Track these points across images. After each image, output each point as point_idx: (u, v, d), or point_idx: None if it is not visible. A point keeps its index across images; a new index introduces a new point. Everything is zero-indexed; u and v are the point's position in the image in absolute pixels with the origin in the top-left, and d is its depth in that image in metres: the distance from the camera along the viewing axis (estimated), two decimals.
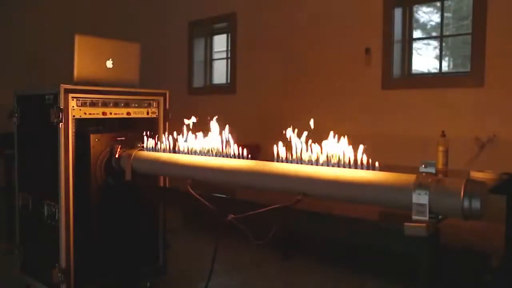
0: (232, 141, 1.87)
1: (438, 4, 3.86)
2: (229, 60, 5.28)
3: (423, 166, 1.31)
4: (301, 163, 1.60)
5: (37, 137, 2.36)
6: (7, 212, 3.56)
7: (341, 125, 4.00)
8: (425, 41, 4.08)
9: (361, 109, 4.03)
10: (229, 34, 5.28)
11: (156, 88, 2.58)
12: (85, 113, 2.24)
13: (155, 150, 2.19)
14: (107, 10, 6.06)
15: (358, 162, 1.47)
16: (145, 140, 2.24)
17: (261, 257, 3.22)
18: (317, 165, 1.56)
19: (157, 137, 2.30)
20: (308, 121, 1.65)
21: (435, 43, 3.98)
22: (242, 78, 5.06)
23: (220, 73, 5.56)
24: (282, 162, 1.65)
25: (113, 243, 2.33)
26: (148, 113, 2.53)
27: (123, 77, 2.46)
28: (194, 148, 1.99)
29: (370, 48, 3.95)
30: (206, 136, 1.97)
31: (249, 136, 4.25)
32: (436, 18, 3.96)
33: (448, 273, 2.22)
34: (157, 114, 2.57)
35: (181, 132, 2.08)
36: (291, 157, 1.63)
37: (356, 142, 1.52)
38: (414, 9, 3.96)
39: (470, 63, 3.55)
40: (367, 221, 1.44)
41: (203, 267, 2.82)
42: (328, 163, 1.54)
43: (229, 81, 5.25)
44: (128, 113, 2.43)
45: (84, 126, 2.25)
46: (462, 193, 1.21)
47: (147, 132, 2.27)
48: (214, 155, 1.90)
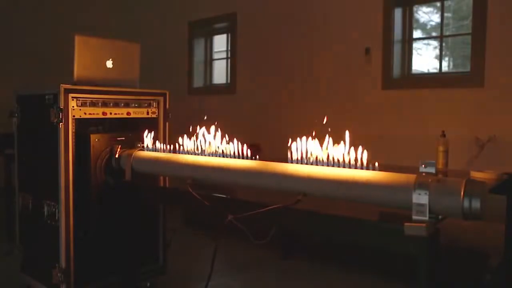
0: (236, 141, 1.85)
1: (438, 4, 3.86)
2: (229, 60, 5.28)
3: (423, 166, 1.31)
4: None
5: (37, 137, 2.36)
6: (7, 212, 3.56)
7: (341, 125, 4.00)
8: (425, 41, 4.08)
9: (361, 109, 4.03)
10: (229, 34, 5.28)
11: (156, 88, 2.58)
12: (85, 113, 2.24)
13: (155, 150, 2.19)
14: (107, 10, 6.06)
15: (358, 162, 1.46)
16: (148, 141, 2.23)
17: (261, 257, 3.22)
18: (317, 165, 1.56)
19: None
20: (308, 121, 1.65)
21: (435, 43, 3.98)
22: (242, 78, 5.06)
23: (220, 73, 5.55)
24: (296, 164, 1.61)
25: (113, 243, 2.33)
26: (148, 113, 2.53)
27: (123, 77, 2.46)
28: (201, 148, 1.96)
29: (370, 48, 3.95)
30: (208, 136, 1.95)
31: (249, 136, 4.25)
32: (436, 18, 3.95)
33: (448, 273, 2.22)
34: (157, 114, 2.57)
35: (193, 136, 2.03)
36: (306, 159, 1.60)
37: (356, 142, 1.52)
38: (414, 9, 3.96)
39: (470, 63, 3.54)
40: (367, 221, 1.44)
41: (203, 267, 2.82)
42: (328, 163, 1.54)
43: (229, 81, 5.25)
44: (128, 113, 2.43)
45: (84, 126, 2.25)
46: (462, 193, 1.21)
47: (149, 133, 2.26)
48: (219, 155, 1.88)
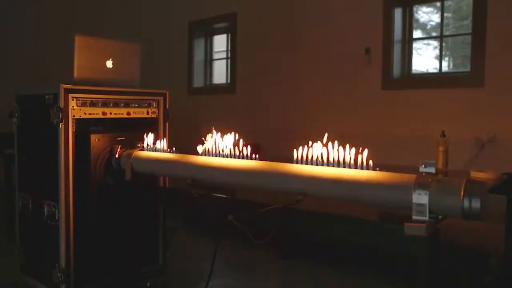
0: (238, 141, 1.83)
1: (438, 4, 3.86)
2: (229, 60, 5.28)
3: (423, 166, 1.31)
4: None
5: (37, 137, 2.36)
6: (7, 212, 3.56)
7: (341, 125, 4.01)
8: (425, 41, 4.08)
9: (361, 109, 4.03)
10: (229, 34, 5.28)
11: (156, 88, 2.58)
12: (85, 113, 2.24)
13: (155, 150, 2.19)
14: (107, 10, 6.06)
15: (358, 162, 1.46)
16: (149, 141, 2.23)
17: (261, 257, 3.22)
18: (317, 165, 1.56)
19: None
20: (308, 121, 1.65)
21: (435, 43, 3.98)
22: (242, 78, 5.06)
23: (220, 73, 5.55)
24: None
25: (113, 243, 2.33)
26: (148, 113, 2.53)
27: (123, 77, 2.46)
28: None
29: (370, 48, 3.95)
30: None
31: (249, 136, 4.25)
32: (436, 18, 3.95)
33: (448, 273, 2.22)
34: (157, 114, 2.57)
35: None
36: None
37: (356, 142, 1.52)
38: (414, 9, 3.96)
39: (470, 63, 3.54)
40: (367, 221, 1.44)
41: (203, 267, 2.83)
42: (328, 163, 1.54)
43: (229, 81, 5.25)
44: (128, 113, 2.43)
45: (84, 126, 2.25)
46: (462, 193, 1.21)
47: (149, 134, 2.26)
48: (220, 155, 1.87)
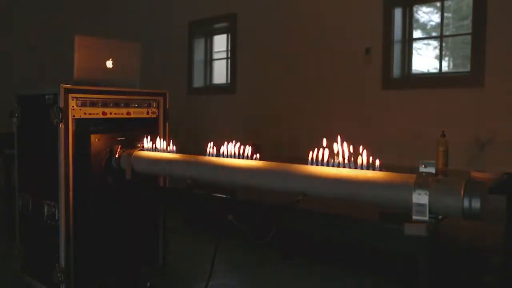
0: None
1: (438, 4, 3.86)
2: (229, 60, 5.28)
3: (423, 166, 1.31)
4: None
5: (37, 137, 2.36)
6: (7, 212, 3.56)
7: (341, 125, 4.00)
8: (425, 41, 4.08)
9: (361, 109, 4.03)
10: (229, 34, 5.28)
11: (156, 88, 2.58)
12: (85, 113, 2.24)
13: (155, 150, 2.19)
14: (107, 10, 6.06)
15: (358, 162, 1.46)
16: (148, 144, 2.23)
17: (261, 257, 3.22)
18: (317, 165, 1.56)
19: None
20: (308, 121, 1.65)
21: (435, 43, 3.98)
22: (242, 78, 5.06)
23: (220, 73, 5.56)
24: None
25: (113, 243, 2.33)
26: (148, 113, 2.53)
27: (123, 77, 2.46)
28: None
29: (370, 48, 3.95)
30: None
31: (249, 136, 4.25)
32: (436, 18, 3.95)
33: (448, 273, 2.22)
34: (157, 114, 2.57)
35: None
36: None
37: (356, 142, 1.52)
38: (414, 9, 3.96)
39: (470, 63, 3.54)
40: (367, 221, 1.44)
41: (203, 267, 2.83)
42: (329, 163, 1.54)
43: (229, 81, 5.25)
44: (128, 113, 2.43)
45: (84, 126, 2.25)
46: (462, 193, 1.21)
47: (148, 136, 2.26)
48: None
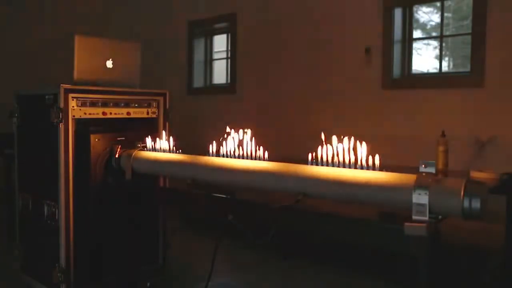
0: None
1: (438, 4, 3.86)
2: (229, 60, 5.28)
3: (423, 166, 1.31)
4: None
5: (37, 137, 2.36)
6: (7, 212, 3.56)
7: (341, 125, 4.00)
8: (425, 41, 4.08)
9: (361, 109, 4.03)
10: (229, 34, 5.28)
11: (156, 88, 2.58)
12: (85, 113, 2.24)
13: (155, 150, 2.19)
14: (107, 10, 6.06)
15: (358, 162, 1.46)
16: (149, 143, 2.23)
17: (261, 257, 3.21)
18: (317, 165, 1.56)
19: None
20: (308, 121, 1.64)
21: (435, 43, 3.98)
22: (242, 78, 5.06)
23: (220, 73, 5.55)
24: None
25: (113, 243, 2.33)
26: (148, 113, 2.53)
27: (123, 77, 2.46)
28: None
29: (370, 48, 3.95)
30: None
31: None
32: (436, 18, 3.95)
33: (448, 273, 2.22)
34: (157, 114, 2.57)
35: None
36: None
37: (356, 142, 1.51)
38: (414, 9, 3.96)
39: (470, 63, 3.54)
40: (367, 221, 1.44)
41: (203, 267, 2.82)
42: (328, 163, 1.54)
43: (229, 81, 5.25)
44: (128, 113, 2.43)
45: (84, 126, 2.25)
46: (462, 193, 1.21)
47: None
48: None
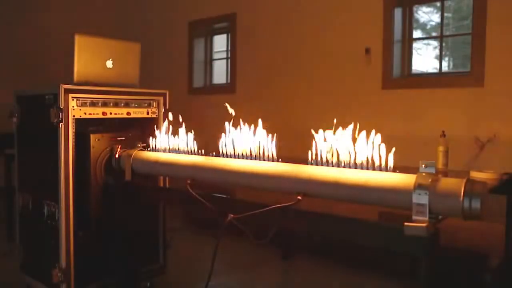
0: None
1: (438, 4, 3.86)
2: (229, 60, 5.28)
3: (423, 166, 1.31)
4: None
5: (37, 137, 2.36)
6: (7, 212, 3.56)
7: (341, 125, 4.00)
8: (425, 41, 4.08)
9: (361, 109, 4.02)
10: (229, 34, 5.28)
11: (156, 88, 2.58)
12: (85, 113, 2.23)
13: (155, 150, 2.19)
14: (107, 10, 6.06)
15: (358, 162, 1.46)
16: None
17: (261, 257, 3.21)
18: (317, 165, 1.56)
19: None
20: (308, 121, 1.64)
21: (435, 43, 3.98)
22: (242, 78, 5.06)
23: (220, 73, 5.55)
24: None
25: (113, 243, 2.33)
26: (148, 113, 2.53)
27: (123, 77, 2.46)
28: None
29: (370, 48, 3.95)
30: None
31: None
32: (436, 18, 3.95)
33: (448, 273, 2.22)
34: (157, 114, 2.57)
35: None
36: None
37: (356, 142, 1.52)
38: (414, 9, 3.96)
39: (470, 63, 3.54)
40: (367, 221, 1.44)
41: (203, 267, 2.82)
42: (328, 163, 1.54)
43: (229, 81, 5.25)
44: (128, 113, 2.43)
45: (84, 126, 2.25)
46: (462, 193, 1.21)
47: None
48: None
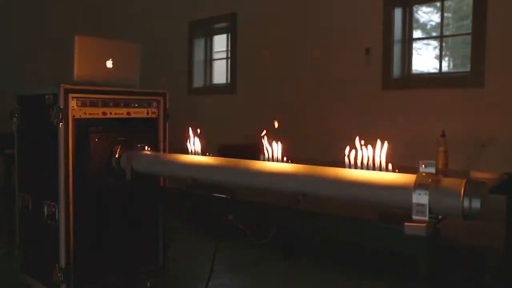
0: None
1: (438, 4, 3.86)
2: (229, 60, 5.28)
3: (423, 166, 1.31)
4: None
5: (37, 137, 2.36)
6: (7, 212, 3.56)
7: (341, 125, 4.00)
8: (425, 41, 4.08)
9: (361, 109, 4.03)
10: (229, 34, 5.28)
11: (156, 88, 2.58)
12: (85, 113, 2.23)
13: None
14: (107, 10, 6.06)
15: (358, 162, 1.46)
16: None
17: (261, 257, 3.21)
18: (318, 166, 1.56)
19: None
20: (308, 121, 1.64)
21: (435, 43, 3.98)
22: (242, 78, 5.06)
23: (220, 73, 5.56)
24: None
25: (113, 243, 2.33)
26: (148, 113, 2.53)
27: (123, 77, 2.46)
28: None
29: (370, 48, 3.95)
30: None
31: (249, 136, 4.24)
32: (436, 18, 3.95)
33: (448, 273, 2.22)
34: (157, 114, 2.57)
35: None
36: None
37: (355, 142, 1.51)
38: (414, 9, 3.96)
39: (470, 63, 3.54)
40: (367, 221, 1.44)
41: (203, 267, 2.82)
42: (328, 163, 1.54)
43: (229, 81, 5.25)
44: (128, 113, 2.43)
45: (84, 126, 2.25)
46: (462, 193, 1.21)
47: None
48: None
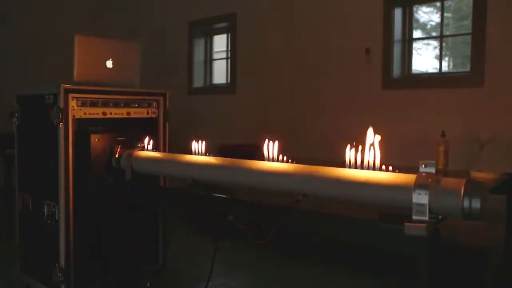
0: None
1: (438, 4, 3.86)
2: (229, 60, 5.28)
3: (423, 166, 1.31)
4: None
5: (37, 137, 2.36)
6: (7, 212, 3.56)
7: (341, 125, 4.00)
8: (425, 41, 4.08)
9: (361, 109, 4.03)
10: (229, 34, 5.28)
11: (156, 88, 2.58)
12: (85, 113, 2.23)
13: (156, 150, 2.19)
14: (107, 10, 6.06)
15: (358, 162, 1.46)
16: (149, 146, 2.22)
17: (261, 257, 3.22)
18: (318, 166, 1.56)
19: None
20: (308, 121, 1.64)
21: (435, 43, 3.98)
22: (242, 78, 5.07)
23: (220, 73, 5.56)
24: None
25: (113, 243, 2.33)
26: (148, 113, 2.53)
27: (123, 77, 2.46)
28: None
29: (370, 48, 3.95)
30: None
31: (249, 136, 4.25)
32: (436, 18, 3.95)
33: (448, 273, 2.22)
34: (157, 114, 2.57)
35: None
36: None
37: (357, 142, 1.51)
38: (414, 9, 3.96)
39: (470, 63, 3.55)
40: (367, 221, 1.44)
41: (203, 267, 2.83)
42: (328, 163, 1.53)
43: (229, 81, 5.25)
44: (128, 113, 2.43)
45: (84, 126, 2.25)
46: (462, 193, 1.21)
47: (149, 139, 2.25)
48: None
